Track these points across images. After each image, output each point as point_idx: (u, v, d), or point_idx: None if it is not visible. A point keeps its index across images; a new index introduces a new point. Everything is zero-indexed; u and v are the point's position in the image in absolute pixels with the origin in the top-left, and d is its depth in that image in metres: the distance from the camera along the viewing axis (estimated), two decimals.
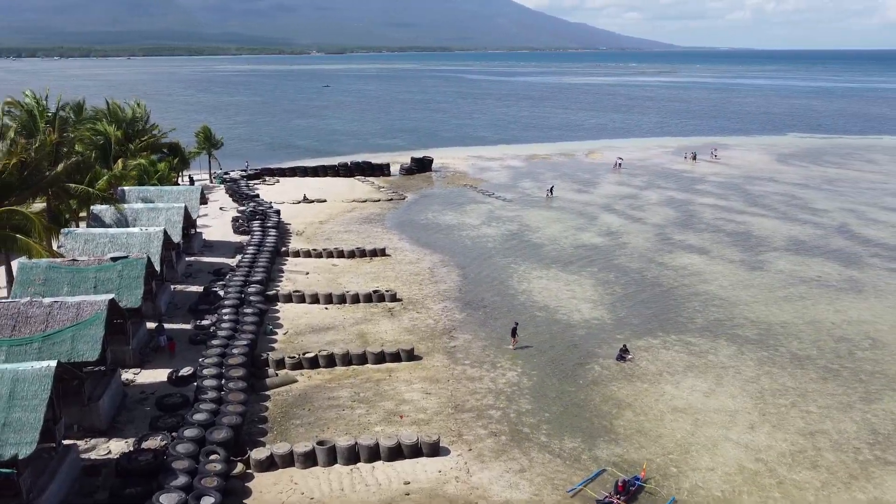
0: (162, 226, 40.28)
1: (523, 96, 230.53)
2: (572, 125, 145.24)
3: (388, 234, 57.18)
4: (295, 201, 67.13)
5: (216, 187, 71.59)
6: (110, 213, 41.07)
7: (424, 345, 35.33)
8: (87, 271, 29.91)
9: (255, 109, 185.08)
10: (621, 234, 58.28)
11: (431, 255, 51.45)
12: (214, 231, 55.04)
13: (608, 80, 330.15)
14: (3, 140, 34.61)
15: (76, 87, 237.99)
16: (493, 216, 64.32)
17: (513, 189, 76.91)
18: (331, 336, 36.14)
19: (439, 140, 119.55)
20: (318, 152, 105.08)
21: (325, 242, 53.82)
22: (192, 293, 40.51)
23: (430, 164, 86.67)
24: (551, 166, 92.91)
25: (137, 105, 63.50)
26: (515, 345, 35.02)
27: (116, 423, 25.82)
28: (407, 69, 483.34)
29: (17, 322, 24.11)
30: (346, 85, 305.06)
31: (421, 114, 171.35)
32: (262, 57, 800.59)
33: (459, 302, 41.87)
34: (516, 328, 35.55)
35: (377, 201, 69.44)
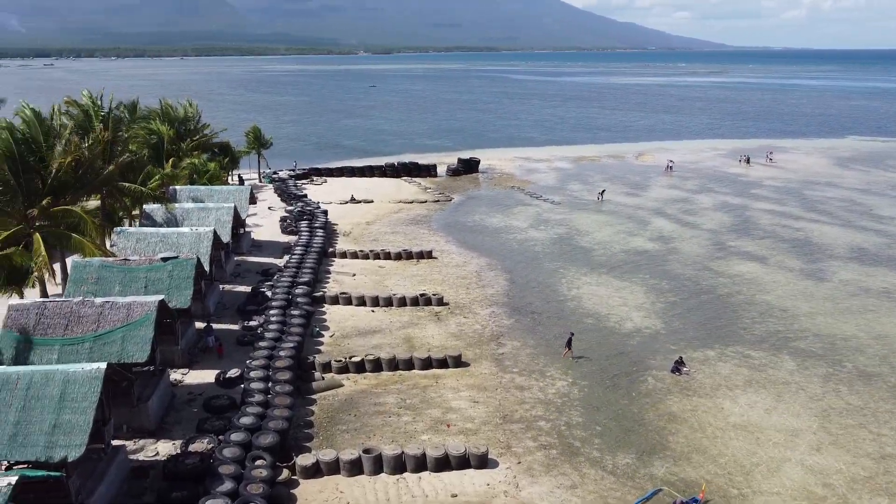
0: (212, 226, 40.48)
1: (570, 97, 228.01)
2: (621, 126, 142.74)
3: (434, 236, 56.66)
4: (342, 201, 67.16)
5: (265, 187, 72.23)
6: (161, 213, 41.50)
7: (472, 351, 34.64)
8: (138, 271, 30.08)
9: (303, 109, 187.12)
10: (674, 239, 56.62)
11: (478, 259, 50.75)
12: (263, 231, 55.34)
13: (657, 81, 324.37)
14: (59, 139, 35.13)
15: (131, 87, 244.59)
16: (540, 219, 63.27)
17: (561, 191, 75.65)
18: (377, 340, 35.74)
19: (486, 141, 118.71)
20: (364, 152, 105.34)
21: (371, 244, 53.58)
22: (240, 293, 40.62)
23: (476, 165, 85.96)
24: (600, 168, 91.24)
25: (189, 105, 64.35)
26: (570, 356, 33.94)
27: (164, 424, 25.80)
28: (453, 69, 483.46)
29: (70, 321, 24.25)
30: (393, 85, 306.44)
31: (467, 114, 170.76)
32: (309, 57, 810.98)
33: (507, 307, 41.06)
34: (571, 339, 34.47)
35: (424, 202, 69.02)
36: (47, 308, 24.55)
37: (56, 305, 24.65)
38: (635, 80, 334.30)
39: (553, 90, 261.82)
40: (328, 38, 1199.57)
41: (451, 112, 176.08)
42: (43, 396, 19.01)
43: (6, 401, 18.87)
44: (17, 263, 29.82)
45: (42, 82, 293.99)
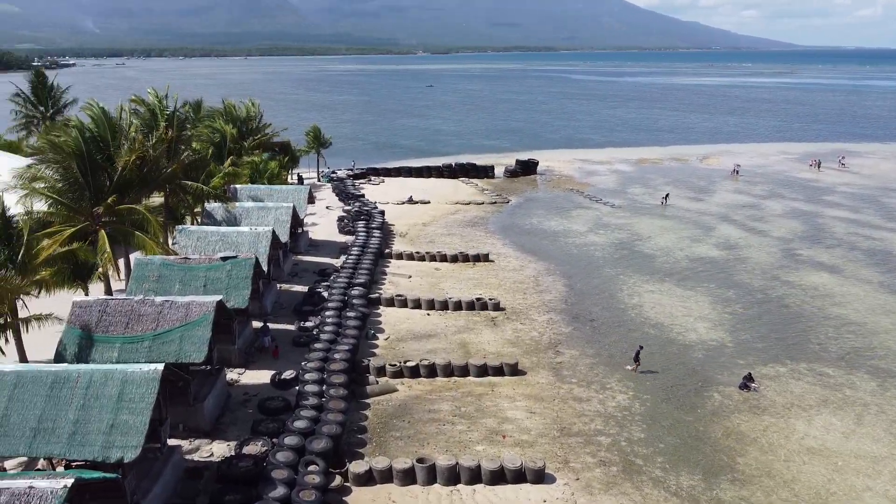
0: (270, 225, 40.68)
1: (631, 97, 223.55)
2: (683, 128, 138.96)
3: (491, 239, 55.89)
4: (399, 202, 67.01)
5: (323, 186, 72.75)
6: (222, 211, 41.96)
7: (528, 359, 33.75)
8: (197, 270, 30.30)
9: (361, 108, 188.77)
10: (741, 247, 54.36)
11: (536, 263, 49.73)
12: (320, 230, 55.57)
13: (722, 81, 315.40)
14: (125, 138, 35.79)
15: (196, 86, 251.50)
16: (600, 223, 61.75)
17: (621, 195, 73.81)
18: (432, 344, 35.19)
19: (544, 142, 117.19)
20: (422, 152, 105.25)
21: (427, 245, 53.17)
22: (297, 293, 40.70)
23: (535, 166, 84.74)
24: (662, 171, 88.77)
25: (251, 104, 65.21)
26: (637, 370, 32.64)
27: (220, 425, 25.80)
28: (511, 69, 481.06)
29: (130, 319, 24.46)
30: (451, 84, 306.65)
31: (525, 114, 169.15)
32: (369, 57, 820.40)
33: (565, 314, 39.98)
34: (640, 352, 33.05)
35: (481, 204, 68.30)
36: (109, 306, 24.84)
37: (117, 303, 24.92)
38: (698, 80, 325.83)
39: (613, 91, 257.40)
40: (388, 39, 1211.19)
41: (508, 112, 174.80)
42: (102, 396, 19.09)
43: (67, 398, 19.02)
44: (82, 259, 30.37)
45: (113, 81, 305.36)
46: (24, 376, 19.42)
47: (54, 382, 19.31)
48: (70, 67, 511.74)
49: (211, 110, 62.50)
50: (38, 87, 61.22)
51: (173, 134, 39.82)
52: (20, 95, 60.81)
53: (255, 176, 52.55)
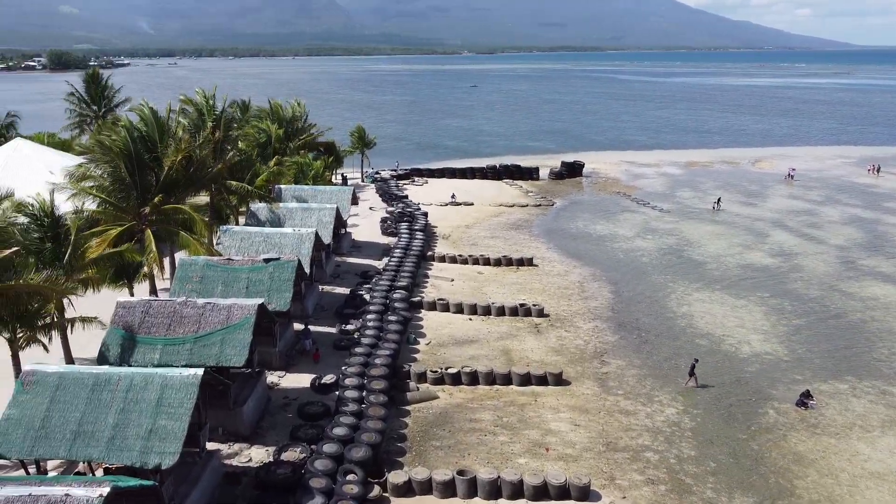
0: (314, 226, 40.54)
1: (679, 98, 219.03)
2: (734, 130, 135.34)
3: (535, 243, 54.92)
4: (442, 203, 66.50)
5: (367, 186, 72.68)
6: (266, 211, 41.99)
7: (573, 368, 32.80)
8: (240, 271, 30.20)
9: (406, 108, 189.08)
10: (796, 255, 52.27)
11: (581, 268, 48.61)
12: (363, 231, 55.37)
13: (774, 82, 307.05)
14: (173, 138, 36.01)
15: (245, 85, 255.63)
16: (648, 228, 60.18)
17: (670, 199, 71.93)
18: (474, 350, 34.51)
19: (589, 143, 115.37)
20: (466, 153, 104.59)
21: (470, 248, 52.49)
22: (338, 295, 40.45)
23: (580, 168, 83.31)
24: (713, 175, 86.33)
25: (297, 104, 65.47)
26: (691, 384, 31.25)
27: (259, 429, 25.57)
28: (556, 69, 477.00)
29: (172, 321, 24.38)
30: (495, 85, 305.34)
31: (570, 115, 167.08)
32: (414, 57, 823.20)
33: (611, 322, 38.85)
34: (695, 366, 31.53)
35: (525, 206, 67.33)
36: (152, 307, 24.81)
37: (160, 304, 24.88)
38: (749, 81, 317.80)
39: (661, 91, 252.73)
40: (433, 39, 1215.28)
41: (553, 113, 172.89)
42: (141, 400, 18.93)
43: (107, 401, 18.92)
44: (128, 260, 30.57)
45: (165, 80, 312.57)
46: (65, 378, 19.40)
47: (95, 385, 19.24)
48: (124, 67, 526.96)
49: (258, 110, 63.01)
50: (92, 86, 62.47)
51: (220, 135, 39.97)
52: (74, 95, 62.16)
53: (300, 176, 52.63)
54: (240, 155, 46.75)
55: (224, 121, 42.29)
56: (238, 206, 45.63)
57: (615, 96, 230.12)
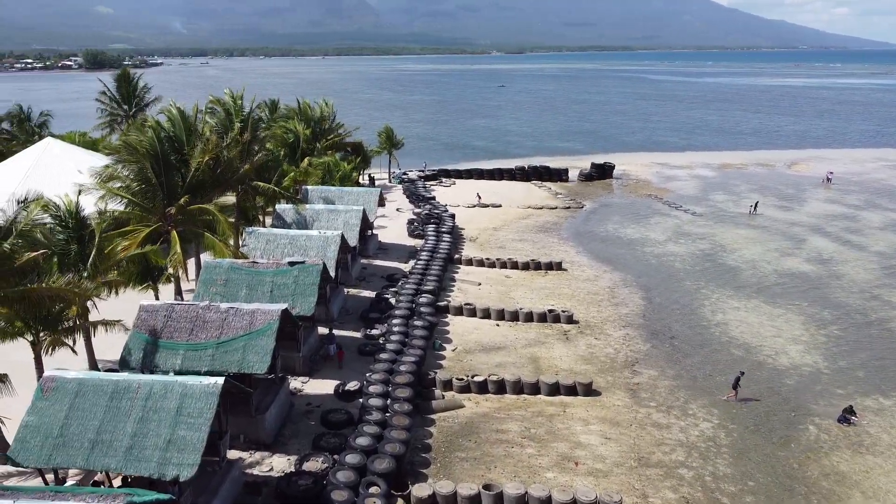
0: (340, 228, 40.09)
1: (711, 98, 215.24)
2: (768, 131, 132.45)
3: (564, 246, 53.90)
4: (470, 205, 65.74)
5: (394, 187, 72.18)
6: (292, 213, 41.61)
7: (603, 378, 31.84)
8: (265, 274, 29.77)
9: (433, 108, 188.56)
10: (836, 262, 50.54)
11: (611, 273, 47.50)
12: (390, 232, 54.84)
13: (809, 82, 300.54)
14: (200, 138, 35.77)
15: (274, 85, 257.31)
16: (680, 232, 58.76)
17: (703, 202, 70.29)
18: (501, 357, 33.72)
19: (619, 144, 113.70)
20: (494, 153, 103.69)
21: (498, 251, 51.67)
22: (364, 298, 39.92)
23: (611, 170, 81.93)
24: (747, 177, 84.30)
25: (325, 104, 65.19)
26: (733, 399, 29.96)
27: (281, 437, 25.07)
28: (586, 69, 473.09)
29: (195, 326, 23.98)
30: (524, 85, 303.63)
31: (600, 115, 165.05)
32: (443, 56, 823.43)
33: (643, 330, 37.77)
34: (739, 379, 30.05)
35: (554, 209, 66.28)
36: (175, 311, 24.44)
37: (183, 309, 24.50)
38: (784, 81, 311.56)
39: (692, 92, 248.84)
40: (462, 38, 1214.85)
41: (582, 113, 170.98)
42: (160, 409, 18.50)
43: (126, 410, 18.52)
44: (153, 262, 30.34)
45: (196, 79, 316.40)
46: (85, 384, 19.05)
47: (115, 392, 18.85)
48: (158, 66, 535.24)
49: (286, 109, 62.85)
50: (123, 86, 62.81)
51: (247, 136, 39.68)
52: (105, 94, 62.55)
53: (327, 177, 52.26)
54: (267, 155, 46.54)
55: (251, 121, 42.02)
56: (265, 207, 45.36)
57: (645, 96, 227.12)
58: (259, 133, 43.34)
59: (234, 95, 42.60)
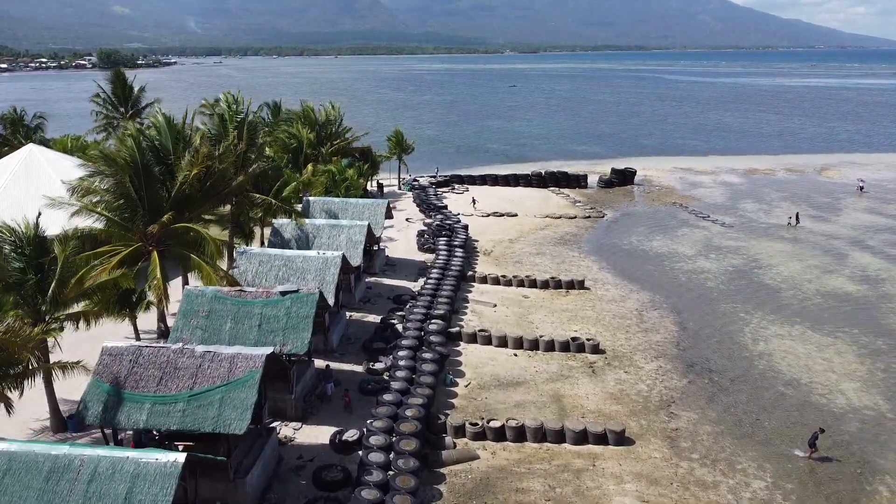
0: (342, 246, 36.62)
1: (730, 99, 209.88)
2: (790, 134, 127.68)
3: (586, 261, 50.08)
4: (483, 213, 62.01)
5: (404, 195, 68.47)
6: (291, 229, 38.06)
7: (636, 422, 28.08)
8: (252, 305, 26.23)
9: (445, 109, 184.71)
10: (884, 280, 46.41)
11: (639, 293, 43.66)
12: (399, 246, 51.20)
13: (829, 83, 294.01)
14: (189, 148, 32.33)
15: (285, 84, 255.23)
16: (711, 245, 54.75)
17: (732, 211, 66.16)
18: (520, 394, 30.04)
19: (639, 148, 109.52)
20: (508, 157, 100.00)
21: (514, 266, 47.99)
22: (368, 324, 36.32)
23: (632, 176, 77.94)
24: (776, 184, 79.97)
25: (332, 107, 61.72)
26: (810, 457, 25.91)
27: (265, 502, 21.50)
28: (601, 69, 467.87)
29: (165, 373, 20.49)
30: (538, 84, 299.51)
31: (616, 117, 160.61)
32: (456, 56, 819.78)
33: (678, 361, 33.94)
34: (818, 436, 25.86)
35: (573, 218, 62.42)
36: (143, 355, 20.98)
37: (152, 353, 21.02)
38: (803, 81, 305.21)
39: (710, 92, 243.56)
40: (476, 38, 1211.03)
41: (598, 115, 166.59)
42: (107, 494, 15.01)
43: (64, 496, 15.04)
44: (122, 288, 26.92)
45: (209, 78, 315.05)
46: (17, 460, 15.59)
47: (52, 471, 15.39)
48: (172, 66, 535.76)
49: (289, 113, 59.43)
50: (118, 87, 59.69)
51: (242, 146, 36.20)
52: (100, 96, 59.47)
53: (332, 185, 48.68)
54: (267, 164, 43.14)
55: (248, 128, 38.50)
56: (263, 219, 41.89)
57: (663, 97, 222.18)
58: (257, 140, 39.87)
59: (230, 99, 39.07)
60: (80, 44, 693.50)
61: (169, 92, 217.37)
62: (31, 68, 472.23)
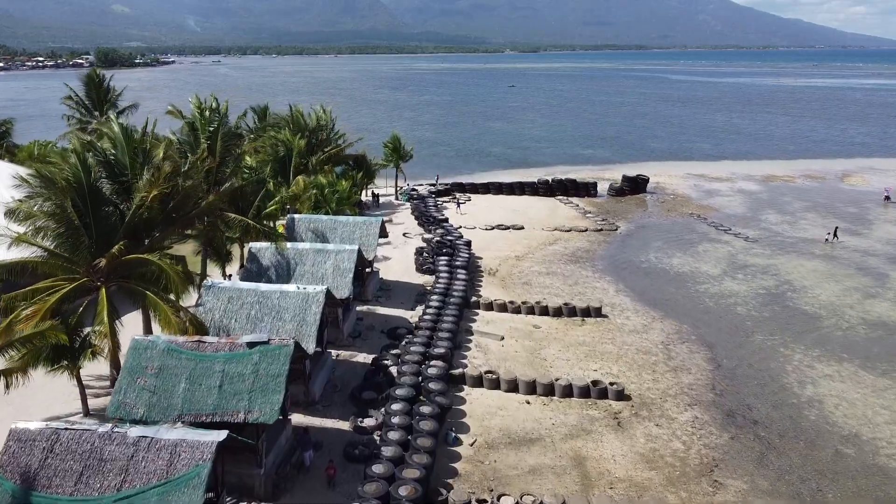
0: (328, 275, 32.00)
1: (735, 100, 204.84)
2: (802, 136, 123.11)
3: (601, 282, 45.47)
4: (488, 226, 57.39)
5: (401, 206, 63.63)
6: (270, 255, 33.32)
7: (675, 495, 23.50)
8: (213, 360, 21.55)
9: (446, 110, 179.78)
10: None
11: (663, 321, 39.05)
12: (395, 265, 46.47)
13: (835, 83, 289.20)
14: (148, 166, 27.67)
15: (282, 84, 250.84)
16: (735, 263, 50.13)
17: (754, 223, 61.52)
18: (535, 456, 25.46)
19: (647, 152, 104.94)
20: (511, 162, 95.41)
21: (522, 288, 43.43)
22: (358, 365, 31.65)
23: (644, 183, 73.32)
24: (797, 192, 75.33)
25: (323, 111, 57.03)
26: None
27: None
28: (601, 68, 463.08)
29: (87, 466, 15.90)
30: (539, 84, 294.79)
31: (621, 118, 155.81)
32: (455, 55, 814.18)
33: (716, 410, 29.35)
34: None
35: (584, 231, 57.80)
36: (60, 441, 16.37)
37: (73, 438, 16.42)
38: (808, 81, 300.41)
39: (715, 93, 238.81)
40: (476, 37, 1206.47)
41: (602, 116, 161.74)
42: None
43: None
44: (51, 341, 22.27)
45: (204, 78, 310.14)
46: None
47: None
48: (170, 65, 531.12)
49: (277, 117, 54.79)
50: (92, 89, 55.00)
51: (212, 163, 31.53)
52: (72, 98, 54.82)
53: (321, 200, 43.90)
54: (250, 176, 38.54)
55: (222, 139, 33.80)
56: (242, 240, 37.21)
57: (667, 98, 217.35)
58: (234, 151, 35.17)
59: (203, 105, 34.31)
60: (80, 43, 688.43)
61: (161, 92, 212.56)
62: (28, 67, 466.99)
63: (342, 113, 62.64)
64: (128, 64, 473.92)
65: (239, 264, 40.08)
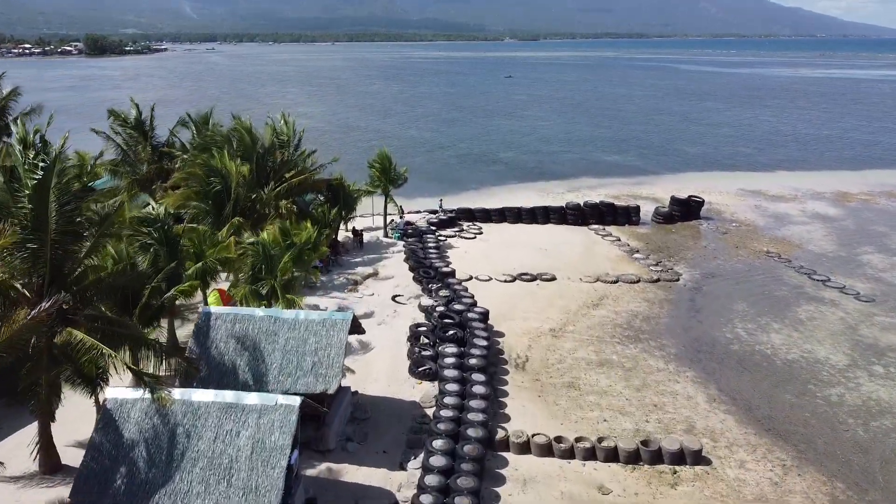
0: (241, 462, 17.15)
1: (758, 94, 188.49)
2: (850, 138, 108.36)
3: (681, 382, 30.84)
4: (508, 277, 42.69)
5: (392, 245, 48.15)
6: (136, 423, 17.97)
7: None
8: None
9: (445, 104, 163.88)
10: None
11: (800, 471, 24.50)
12: (378, 362, 31.21)
13: (858, 74, 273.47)
14: None
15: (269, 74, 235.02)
16: (862, 342, 35.48)
17: (854, 267, 46.88)
18: None
19: (683, 159, 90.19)
20: (525, 171, 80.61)
21: (567, 397, 28.95)
22: None
23: (699, 206, 58.52)
24: (887, 217, 60.56)
25: (285, 123, 41.87)
26: None
27: None
28: (603, 57, 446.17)
29: None
30: (542, 74, 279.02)
31: (640, 115, 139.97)
32: (454, 44, 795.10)
33: None
34: None
35: (635, 282, 43.14)
36: None
37: None
38: (828, 72, 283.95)
39: (733, 84, 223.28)
40: (476, 24, 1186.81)
41: (618, 113, 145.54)
42: None
43: None
44: None
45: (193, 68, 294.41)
46: None
47: None
48: (162, 52, 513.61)
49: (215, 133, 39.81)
50: None
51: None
52: None
53: (263, 269, 28.56)
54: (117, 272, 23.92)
55: (61, 198, 18.73)
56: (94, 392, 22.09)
57: (682, 91, 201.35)
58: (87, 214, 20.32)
59: (27, 137, 19.37)
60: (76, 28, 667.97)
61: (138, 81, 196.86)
62: (15, 54, 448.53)
63: (328, 108, 47.95)
64: (117, 51, 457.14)
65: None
